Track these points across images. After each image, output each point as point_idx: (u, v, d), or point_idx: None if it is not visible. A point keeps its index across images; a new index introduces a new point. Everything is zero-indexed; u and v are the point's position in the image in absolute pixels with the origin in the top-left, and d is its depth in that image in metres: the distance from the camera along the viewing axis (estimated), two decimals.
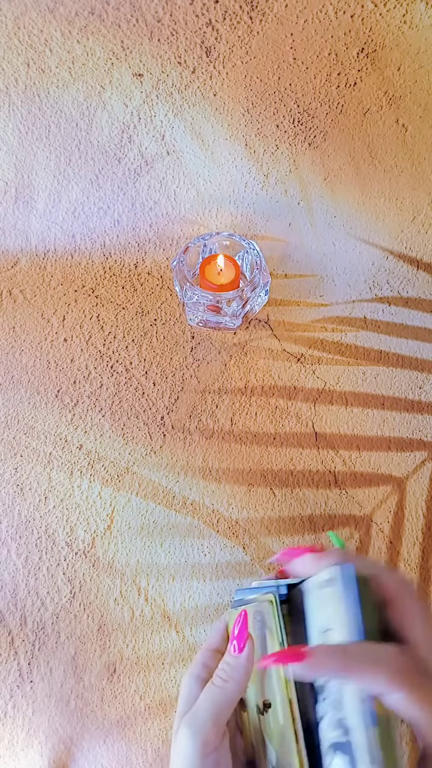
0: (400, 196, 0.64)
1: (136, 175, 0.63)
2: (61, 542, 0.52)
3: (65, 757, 0.47)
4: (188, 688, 0.32)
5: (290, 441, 0.56)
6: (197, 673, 0.33)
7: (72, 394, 0.57)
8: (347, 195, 0.64)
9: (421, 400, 0.58)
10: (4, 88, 0.60)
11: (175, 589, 0.51)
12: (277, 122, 0.63)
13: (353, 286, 0.62)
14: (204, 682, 0.32)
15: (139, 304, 0.61)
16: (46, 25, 0.58)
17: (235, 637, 0.31)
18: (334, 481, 0.55)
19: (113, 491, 0.54)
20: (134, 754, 0.48)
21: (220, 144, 0.63)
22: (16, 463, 0.55)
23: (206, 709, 0.29)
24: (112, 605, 0.51)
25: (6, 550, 0.52)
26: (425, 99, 0.62)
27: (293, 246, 0.63)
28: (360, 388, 0.59)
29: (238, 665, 0.30)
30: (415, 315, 0.61)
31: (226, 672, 0.31)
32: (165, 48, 0.59)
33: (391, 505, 0.55)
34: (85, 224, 0.63)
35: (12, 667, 0.49)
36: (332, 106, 0.62)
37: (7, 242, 0.62)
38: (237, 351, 0.59)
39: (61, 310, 0.60)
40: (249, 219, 0.64)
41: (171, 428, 0.56)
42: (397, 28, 0.59)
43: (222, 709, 0.29)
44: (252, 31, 0.59)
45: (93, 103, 0.62)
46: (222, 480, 0.55)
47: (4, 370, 0.58)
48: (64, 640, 0.50)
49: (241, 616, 0.32)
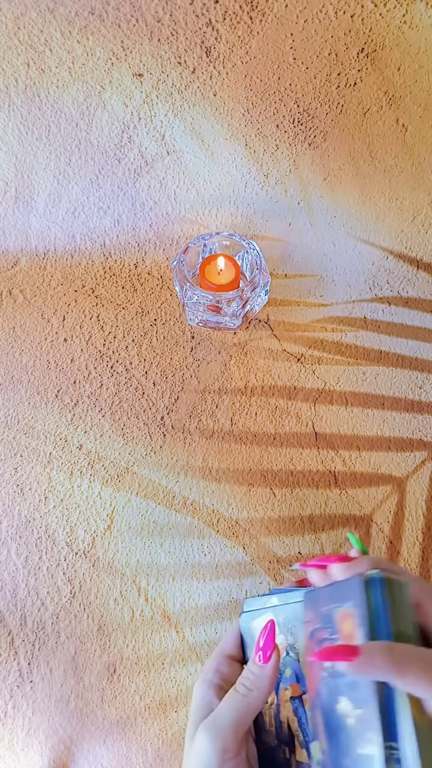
0: (400, 196, 0.64)
1: (136, 175, 0.63)
2: (61, 542, 0.52)
3: (65, 757, 0.47)
4: (202, 694, 0.32)
5: (290, 441, 0.56)
6: (210, 679, 0.32)
7: (72, 394, 0.57)
8: (347, 195, 0.64)
9: (421, 400, 0.58)
10: (4, 88, 0.60)
11: (175, 589, 0.51)
12: (277, 122, 0.63)
13: (353, 286, 0.62)
14: (217, 687, 0.32)
15: (139, 304, 0.61)
16: (46, 25, 0.58)
17: (261, 647, 0.31)
18: (334, 481, 0.55)
19: (113, 491, 0.54)
20: (134, 754, 0.48)
21: (220, 144, 0.63)
22: (16, 463, 0.55)
23: (228, 716, 0.29)
24: (112, 605, 0.51)
25: (6, 550, 0.52)
26: (425, 99, 0.62)
27: (293, 246, 0.63)
28: (360, 388, 0.59)
29: (264, 675, 0.30)
30: (415, 315, 0.61)
31: (251, 681, 0.30)
32: (165, 48, 0.59)
33: (391, 505, 0.55)
34: (85, 224, 0.63)
35: (12, 667, 0.49)
36: (332, 106, 0.62)
37: (7, 242, 0.62)
38: (237, 351, 0.59)
39: (61, 310, 0.60)
40: (249, 219, 0.64)
41: (171, 428, 0.56)
42: (397, 28, 0.59)
43: (244, 716, 0.29)
44: (252, 31, 0.59)
45: (93, 103, 0.62)
46: (222, 480, 0.55)
47: (4, 370, 0.58)
48: (64, 640, 0.50)
49: (267, 626, 0.32)
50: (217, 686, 0.32)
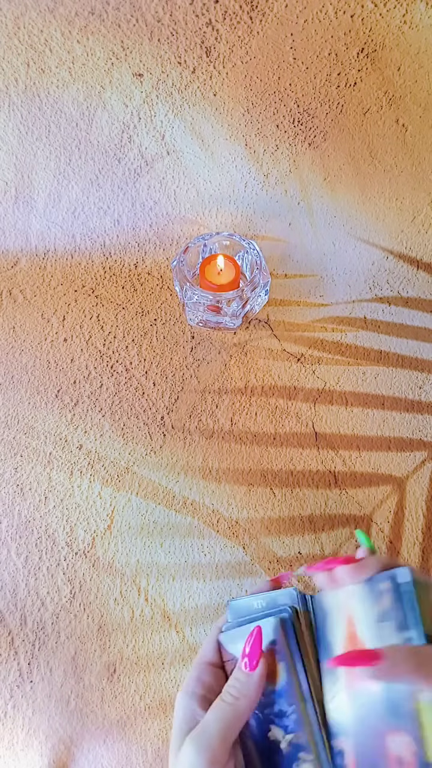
0: (400, 196, 0.64)
1: (136, 175, 0.63)
2: (61, 542, 0.52)
3: (65, 757, 0.47)
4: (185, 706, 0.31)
5: (290, 441, 0.56)
6: (192, 690, 0.31)
7: (72, 394, 0.57)
8: (347, 195, 0.64)
9: (421, 400, 0.58)
10: (4, 88, 0.60)
11: (175, 589, 0.51)
12: (277, 122, 0.63)
13: (353, 286, 0.62)
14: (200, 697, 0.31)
15: (139, 304, 0.61)
16: (46, 25, 0.58)
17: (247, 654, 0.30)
18: (334, 481, 0.55)
19: (113, 491, 0.54)
20: (134, 754, 0.48)
21: (220, 144, 0.63)
22: (16, 463, 0.55)
23: (215, 727, 0.28)
24: (112, 605, 0.51)
25: (6, 550, 0.52)
26: (425, 99, 0.62)
27: (293, 246, 0.63)
28: (360, 388, 0.59)
29: (251, 683, 0.29)
30: (415, 315, 0.61)
31: (237, 689, 0.29)
32: (165, 48, 0.59)
33: (391, 505, 0.55)
34: (85, 224, 0.63)
35: (12, 667, 0.49)
36: (332, 106, 0.62)
37: (7, 242, 0.62)
38: (237, 351, 0.59)
39: (61, 310, 0.60)
40: (249, 219, 0.64)
41: (171, 428, 0.56)
42: (397, 28, 0.59)
43: (232, 726, 0.28)
44: (252, 31, 0.59)
45: (93, 103, 0.61)
46: (222, 480, 0.55)
47: (4, 370, 0.58)
48: (64, 640, 0.50)
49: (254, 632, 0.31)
50: (201, 696, 0.31)
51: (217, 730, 0.28)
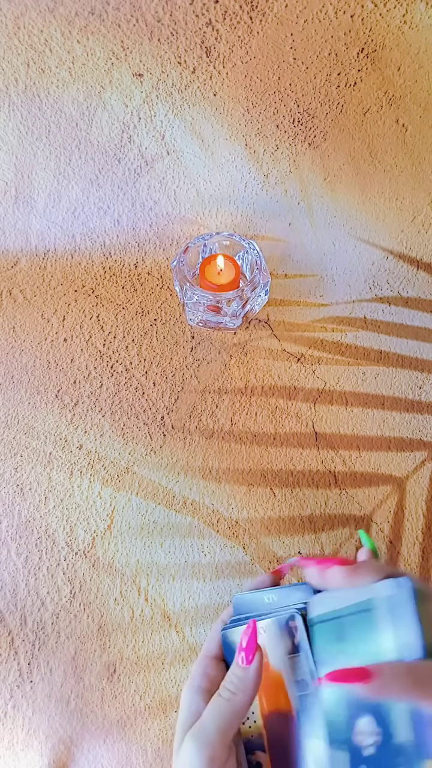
0: (400, 196, 0.64)
1: (136, 175, 0.63)
2: (61, 542, 0.52)
3: (65, 757, 0.47)
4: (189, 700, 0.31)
5: (290, 441, 0.56)
6: (197, 684, 0.31)
7: (72, 394, 0.57)
8: (347, 195, 0.64)
9: (421, 400, 0.58)
10: (4, 88, 0.60)
11: (175, 589, 0.51)
12: (277, 122, 0.63)
13: (353, 286, 0.62)
14: (206, 692, 0.31)
15: (139, 304, 0.61)
16: (46, 25, 0.58)
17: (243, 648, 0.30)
18: (334, 481, 0.55)
19: (113, 491, 0.54)
20: (134, 754, 0.48)
21: (220, 144, 0.63)
22: (16, 463, 0.55)
23: (213, 722, 0.28)
24: (112, 605, 0.51)
25: (6, 550, 0.52)
26: (425, 99, 0.62)
27: (293, 246, 0.63)
28: (360, 388, 0.59)
29: (247, 677, 0.29)
30: (415, 315, 0.61)
31: (234, 684, 0.29)
32: (165, 48, 0.59)
33: (391, 505, 0.55)
34: (85, 224, 0.63)
35: (12, 667, 0.49)
36: (332, 106, 0.62)
37: (7, 242, 0.62)
38: (237, 351, 0.59)
39: (61, 310, 0.60)
40: (249, 219, 0.64)
41: (171, 428, 0.56)
42: (397, 28, 0.59)
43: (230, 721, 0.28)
44: (252, 31, 0.59)
45: (93, 103, 0.62)
46: (222, 480, 0.55)
47: (4, 370, 0.58)
48: (64, 640, 0.50)
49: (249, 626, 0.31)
50: (206, 690, 0.31)
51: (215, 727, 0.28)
